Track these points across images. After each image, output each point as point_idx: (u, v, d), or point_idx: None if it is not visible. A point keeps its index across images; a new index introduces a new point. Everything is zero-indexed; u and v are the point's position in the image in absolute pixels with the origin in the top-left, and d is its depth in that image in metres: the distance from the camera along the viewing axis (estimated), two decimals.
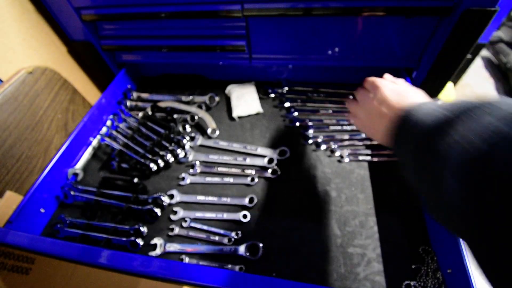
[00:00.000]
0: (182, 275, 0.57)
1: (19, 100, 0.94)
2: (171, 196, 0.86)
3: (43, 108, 1.02)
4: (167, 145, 0.96)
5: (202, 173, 0.92)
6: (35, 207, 0.81)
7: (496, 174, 0.27)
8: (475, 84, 2.78)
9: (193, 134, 1.00)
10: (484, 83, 2.79)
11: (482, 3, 0.72)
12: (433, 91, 1.00)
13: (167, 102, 1.11)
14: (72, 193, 0.87)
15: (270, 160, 0.91)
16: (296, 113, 1.04)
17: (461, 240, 0.60)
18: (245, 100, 1.08)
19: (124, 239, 0.77)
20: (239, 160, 0.93)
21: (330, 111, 1.04)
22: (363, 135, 0.96)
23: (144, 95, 1.16)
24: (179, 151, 0.94)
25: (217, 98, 1.12)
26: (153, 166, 0.90)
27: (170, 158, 0.93)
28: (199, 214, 0.82)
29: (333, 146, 0.93)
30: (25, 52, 1.01)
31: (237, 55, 1.05)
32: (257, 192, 0.86)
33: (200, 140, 1.00)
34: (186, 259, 0.74)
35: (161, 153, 0.93)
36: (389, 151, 0.91)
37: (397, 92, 0.55)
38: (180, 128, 1.03)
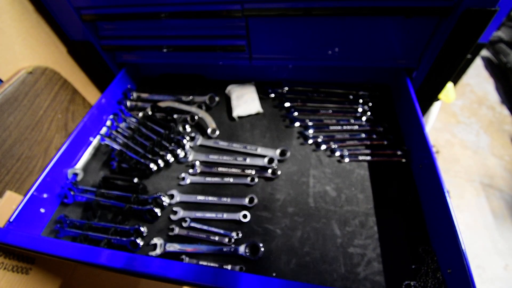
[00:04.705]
0: (182, 275, 0.57)
1: (19, 100, 0.94)
2: (171, 196, 0.86)
3: (43, 108, 1.02)
4: (167, 145, 0.96)
5: (202, 173, 0.92)
6: (35, 207, 0.81)
7: None
8: (475, 84, 2.79)
9: (193, 134, 1.00)
10: (484, 83, 2.80)
11: (482, 3, 0.72)
12: (433, 91, 1.00)
13: (167, 102, 1.11)
14: (72, 193, 0.87)
15: (270, 160, 0.91)
16: (296, 113, 1.04)
17: (461, 240, 0.60)
18: (245, 100, 1.08)
19: (124, 239, 0.77)
20: (239, 160, 0.93)
21: (330, 111, 1.04)
22: (363, 135, 0.96)
23: (144, 95, 1.16)
24: (179, 151, 0.94)
25: (217, 98, 1.12)
26: (153, 166, 0.90)
27: (170, 158, 0.93)
28: (199, 214, 0.82)
29: (333, 146, 0.93)
30: (25, 52, 1.01)
31: (237, 55, 1.05)
32: (257, 192, 0.86)
33: (200, 140, 1.00)
34: (186, 259, 0.74)
35: (161, 153, 0.93)
36: (389, 151, 0.91)
37: None
38: (180, 128, 1.02)
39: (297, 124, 1.02)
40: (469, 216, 1.87)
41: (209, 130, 1.01)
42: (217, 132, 1.02)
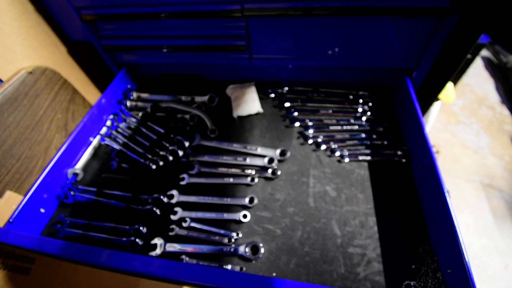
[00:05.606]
0: (182, 275, 0.57)
1: (19, 100, 0.94)
2: (171, 196, 0.86)
3: (43, 108, 1.02)
4: (167, 145, 0.96)
5: (202, 173, 0.92)
6: (35, 207, 0.81)
7: None
8: (475, 84, 2.79)
9: (193, 134, 1.00)
10: (484, 83, 2.80)
11: None
12: (433, 91, 1.00)
13: (167, 102, 1.11)
14: (72, 193, 0.87)
15: (270, 160, 0.91)
16: (296, 113, 1.04)
17: (461, 240, 0.60)
18: (245, 100, 1.08)
19: (124, 239, 0.77)
20: (239, 160, 0.93)
21: (330, 111, 1.04)
22: (363, 135, 0.96)
23: (144, 95, 1.16)
24: (179, 151, 0.94)
25: (217, 98, 1.12)
26: (153, 166, 0.90)
27: (170, 158, 0.93)
28: (199, 214, 0.82)
29: (333, 146, 0.93)
30: (25, 52, 1.01)
31: (237, 55, 1.05)
32: (257, 192, 0.86)
33: (200, 140, 1.00)
34: (186, 259, 0.74)
35: (161, 153, 0.93)
36: (389, 151, 0.91)
37: None
38: (180, 128, 1.02)
39: (297, 124, 1.02)
40: (469, 216, 1.87)
41: (208, 130, 1.01)
42: (217, 132, 1.02)
